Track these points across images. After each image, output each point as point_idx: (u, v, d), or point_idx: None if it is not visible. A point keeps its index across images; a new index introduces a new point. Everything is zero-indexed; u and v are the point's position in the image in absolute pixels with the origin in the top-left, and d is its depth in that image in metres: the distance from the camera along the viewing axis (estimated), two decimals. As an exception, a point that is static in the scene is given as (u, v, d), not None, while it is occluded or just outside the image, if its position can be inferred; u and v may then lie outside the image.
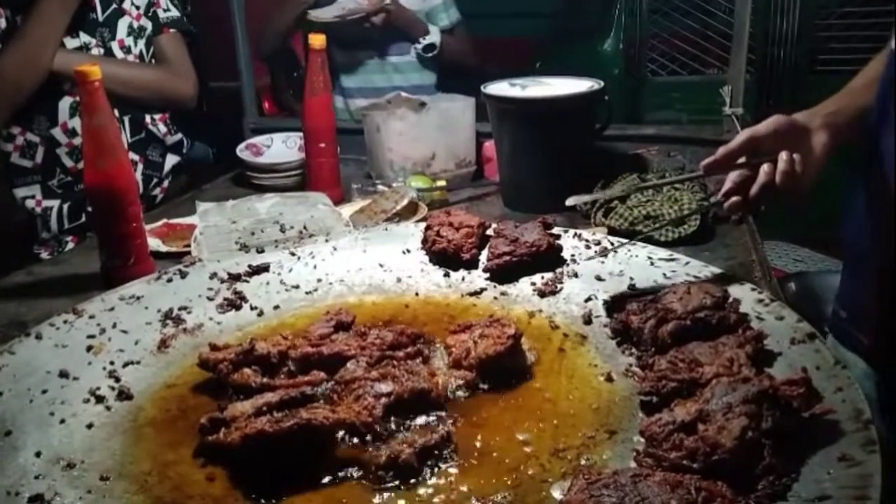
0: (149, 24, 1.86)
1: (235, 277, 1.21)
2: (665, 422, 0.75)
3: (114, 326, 1.07)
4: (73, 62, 1.55)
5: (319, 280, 1.23)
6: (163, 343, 1.07)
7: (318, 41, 1.63)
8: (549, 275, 1.18)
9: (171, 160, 1.95)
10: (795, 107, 1.09)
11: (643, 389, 0.87)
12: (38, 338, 1.02)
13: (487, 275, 1.21)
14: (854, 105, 1.09)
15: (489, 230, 1.29)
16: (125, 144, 1.77)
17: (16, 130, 1.75)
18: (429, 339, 1.03)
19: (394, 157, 1.75)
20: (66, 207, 1.80)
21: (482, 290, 1.19)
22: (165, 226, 1.56)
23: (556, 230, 1.26)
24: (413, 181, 1.66)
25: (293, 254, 1.28)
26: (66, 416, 0.91)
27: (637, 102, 3.25)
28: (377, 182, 1.71)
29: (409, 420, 0.86)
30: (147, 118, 1.87)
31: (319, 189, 1.64)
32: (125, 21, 1.81)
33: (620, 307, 1.04)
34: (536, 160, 1.56)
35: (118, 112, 1.75)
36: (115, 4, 1.79)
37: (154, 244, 1.42)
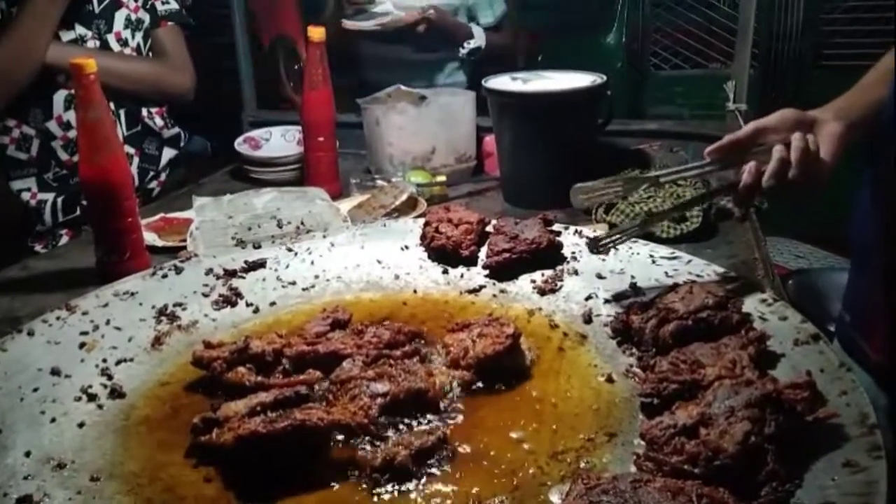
0: (146, 17, 1.84)
1: (231, 273, 1.19)
2: (666, 425, 0.73)
3: (107, 323, 1.06)
4: (68, 55, 1.54)
5: (316, 276, 1.22)
6: (157, 340, 1.06)
7: (318, 34, 1.60)
8: (549, 272, 1.16)
9: (168, 154, 1.93)
10: (800, 102, 1.06)
11: (644, 391, 0.85)
12: (31, 334, 1.00)
13: (486, 272, 1.19)
14: (867, 100, 1.06)
15: (489, 226, 1.28)
16: (121, 138, 1.75)
17: (11, 123, 1.73)
18: (427, 338, 1.01)
19: (393, 152, 1.73)
20: (61, 201, 1.79)
21: (481, 288, 1.17)
22: (162, 220, 1.55)
23: (557, 227, 1.24)
24: (412, 176, 1.64)
25: (290, 250, 1.26)
26: (57, 415, 0.89)
27: (640, 97, 3.23)
28: (376, 177, 1.69)
29: (406, 421, 0.85)
30: (143, 111, 1.85)
31: (318, 183, 1.62)
32: (122, 13, 1.79)
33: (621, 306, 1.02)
34: (537, 155, 1.54)
35: (114, 105, 1.74)
36: None
37: (150, 238, 1.41)
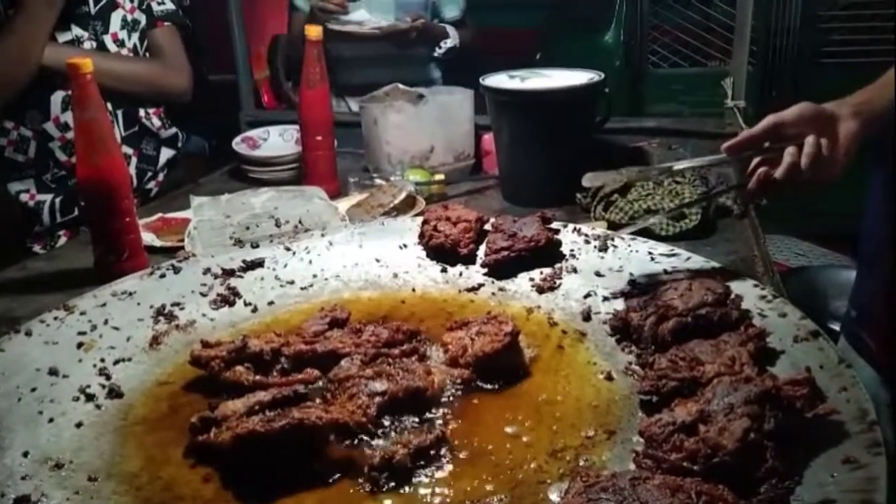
0: (143, 18, 1.83)
1: (229, 273, 1.19)
2: (665, 422, 0.73)
3: (105, 323, 1.06)
4: (64, 56, 1.53)
5: (315, 275, 1.22)
6: (155, 340, 1.06)
7: (315, 32, 1.60)
8: (548, 270, 1.16)
9: (166, 154, 1.93)
10: (798, 99, 1.06)
11: (643, 388, 0.85)
12: (28, 334, 1.00)
13: (485, 270, 1.19)
14: (886, 96, 1.05)
15: (487, 225, 1.27)
16: (118, 138, 1.75)
17: (9, 125, 1.73)
18: (425, 336, 1.01)
19: (391, 151, 1.72)
20: (59, 201, 1.78)
21: (480, 286, 1.17)
22: (160, 220, 1.54)
23: (556, 225, 1.24)
24: (411, 175, 1.64)
25: (288, 249, 1.26)
26: (55, 415, 0.89)
27: (638, 95, 3.23)
28: (374, 176, 1.68)
29: (404, 419, 0.85)
30: (141, 112, 1.85)
31: (316, 182, 1.62)
32: (118, 14, 1.78)
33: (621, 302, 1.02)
34: (536, 153, 1.53)
35: (112, 106, 1.73)
36: None
37: (148, 238, 1.40)
